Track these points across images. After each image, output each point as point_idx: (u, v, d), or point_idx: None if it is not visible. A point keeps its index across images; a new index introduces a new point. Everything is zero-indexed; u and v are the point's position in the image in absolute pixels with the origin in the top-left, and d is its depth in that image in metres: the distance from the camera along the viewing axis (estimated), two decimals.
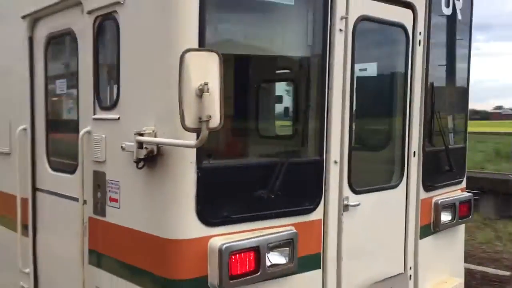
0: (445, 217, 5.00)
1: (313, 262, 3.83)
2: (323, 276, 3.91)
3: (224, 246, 3.21)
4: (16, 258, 4.87)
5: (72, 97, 4.23)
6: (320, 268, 3.88)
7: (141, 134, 3.24)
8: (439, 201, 4.89)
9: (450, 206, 5.04)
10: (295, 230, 3.61)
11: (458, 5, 5.03)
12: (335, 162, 3.90)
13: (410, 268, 4.68)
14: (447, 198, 5.01)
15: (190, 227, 3.21)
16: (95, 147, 3.79)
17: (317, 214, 3.81)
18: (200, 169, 3.18)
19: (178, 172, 3.17)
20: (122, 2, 3.47)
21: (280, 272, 3.54)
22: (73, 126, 4.10)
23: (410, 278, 4.69)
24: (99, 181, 3.79)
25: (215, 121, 2.74)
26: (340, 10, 3.80)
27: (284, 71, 4.94)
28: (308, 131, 3.88)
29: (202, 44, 3.10)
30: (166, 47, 3.14)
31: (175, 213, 3.21)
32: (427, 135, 4.74)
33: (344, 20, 3.82)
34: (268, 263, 3.45)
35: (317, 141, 3.81)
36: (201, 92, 2.68)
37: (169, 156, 3.19)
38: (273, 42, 3.83)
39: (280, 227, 3.57)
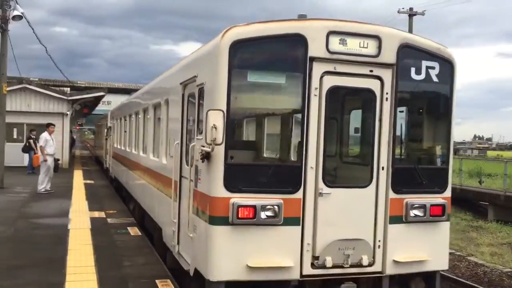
0: (416, 212, 7.39)
1: (294, 221, 6.90)
2: (301, 230, 6.95)
3: (234, 202, 6.61)
4: (170, 213, 8.97)
5: (193, 127, 8.09)
6: (299, 225, 6.93)
7: (204, 146, 6.89)
8: (408, 201, 7.34)
9: (421, 207, 7.41)
10: (281, 201, 6.78)
11: (433, 72, 7.42)
12: (311, 167, 6.93)
13: (379, 241, 7.28)
14: (418, 200, 7.41)
15: (220, 191, 6.69)
16: (195, 152, 7.54)
17: (297, 195, 6.89)
18: (226, 164, 6.66)
19: (215, 165, 6.70)
20: (204, 83, 7.19)
21: (270, 222, 6.75)
22: (192, 142, 7.95)
23: (379, 247, 7.28)
24: (196, 169, 7.53)
25: (218, 140, 6.25)
26: (314, 83, 6.88)
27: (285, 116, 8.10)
28: (292, 149, 7.03)
29: (228, 107, 6.57)
30: (212, 108, 6.71)
31: (214, 184, 6.73)
32: (397, 157, 7.32)
33: (317, 89, 6.89)
34: (263, 216, 6.72)
35: (298, 155, 6.93)
36: (212, 128, 6.22)
37: (213, 156, 6.74)
38: (276, 101, 7.14)
39: (272, 199, 6.79)
